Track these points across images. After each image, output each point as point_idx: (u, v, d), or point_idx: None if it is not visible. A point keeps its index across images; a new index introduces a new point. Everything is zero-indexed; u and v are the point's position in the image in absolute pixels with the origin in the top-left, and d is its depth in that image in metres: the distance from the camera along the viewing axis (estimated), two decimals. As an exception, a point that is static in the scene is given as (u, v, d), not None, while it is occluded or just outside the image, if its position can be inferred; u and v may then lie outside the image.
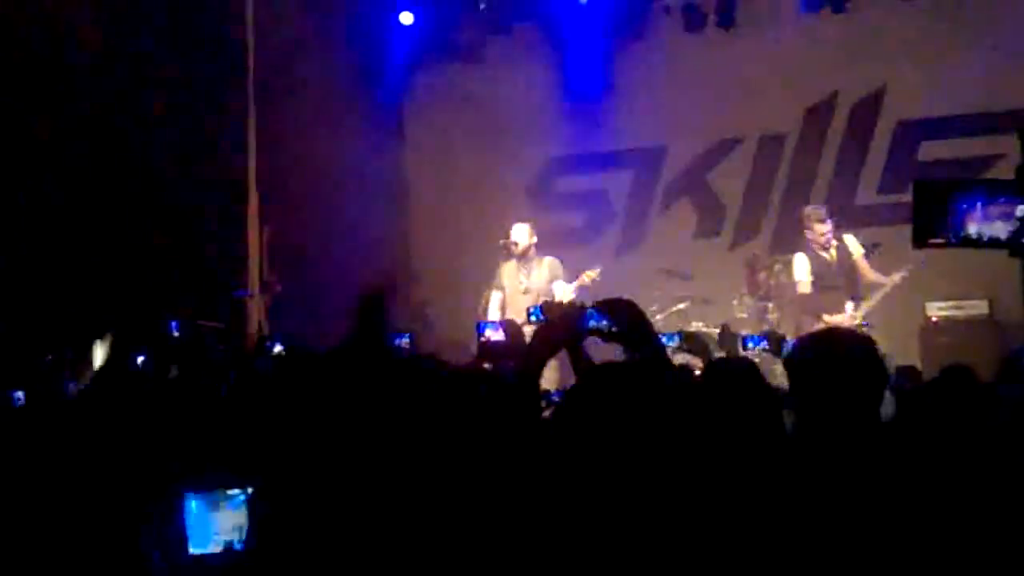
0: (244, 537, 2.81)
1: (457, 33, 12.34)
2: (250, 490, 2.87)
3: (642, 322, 3.15)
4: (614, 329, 3.13)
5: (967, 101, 10.45)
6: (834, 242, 9.43)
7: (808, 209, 9.73)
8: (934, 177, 9.48)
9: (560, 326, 3.31)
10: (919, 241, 2.40)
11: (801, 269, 9.50)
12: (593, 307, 3.25)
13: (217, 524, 3.50)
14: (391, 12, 12.36)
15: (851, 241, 9.55)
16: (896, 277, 9.15)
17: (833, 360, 2.96)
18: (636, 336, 3.13)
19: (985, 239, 2.31)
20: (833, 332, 3.20)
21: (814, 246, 9.43)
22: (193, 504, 3.47)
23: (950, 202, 2.33)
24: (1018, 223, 2.26)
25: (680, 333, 5.45)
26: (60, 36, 9.66)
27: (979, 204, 2.32)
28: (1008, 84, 10.04)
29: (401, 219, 12.78)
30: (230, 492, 3.47)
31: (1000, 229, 2.28)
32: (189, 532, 3.46)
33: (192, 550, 3.46)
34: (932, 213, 2.35)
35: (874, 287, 9.31)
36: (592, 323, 3.19)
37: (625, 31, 11.91)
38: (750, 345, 5.80)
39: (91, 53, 9.86)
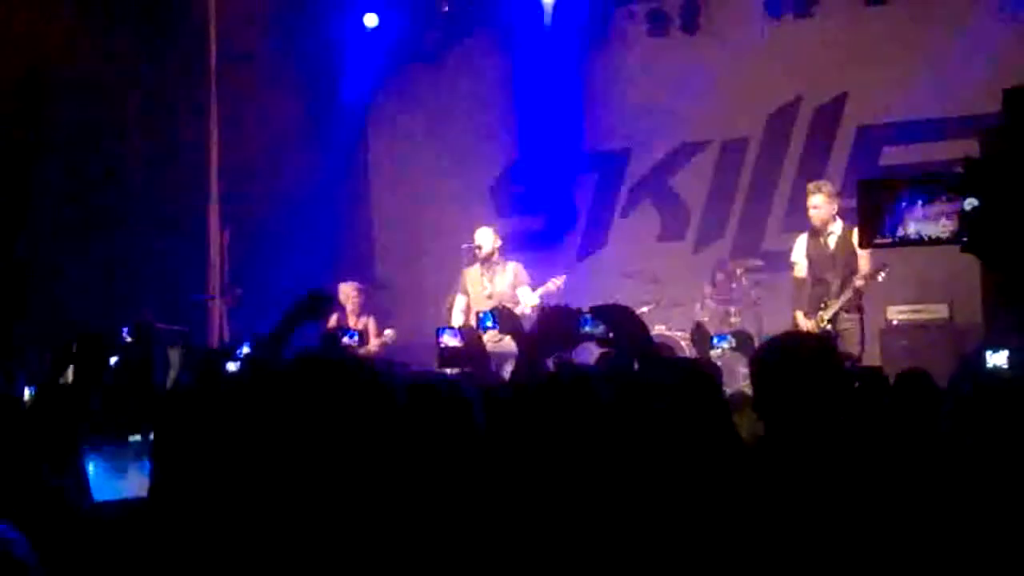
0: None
1: (420, 36, 12.31)
2: (150, 436, 2.85)
3: (638, 327, 3.14)
4: (609, 335, 3.13)
5: (928, 106, 10.51)
6: (837, 226, 8.74)
7: (808, 183, 9.15)
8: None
9: (556, 330, 3.30)
10: (865, 241, 2.40)
11: (799, 251, 9.08)
12: (588, 312, 3.24)
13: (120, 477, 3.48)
14: (355, 14, 12.30)
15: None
16: (879, 276, 8.60)
17: (795, 363, 2.96)
18: (632, 341, 3.12)
19: (926, 238, 2.31)
20: (797, 334, 3.21)
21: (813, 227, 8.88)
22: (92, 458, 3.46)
23: (893, 201, 2.33)
24: (963, 218, 2.26)
25: (731, 334, 5.37)
26: (26, 37, 9.59)
27: (920, 202, 2.32)
28: (969, 89, 10.09)
29: (363, 222, 12.73)
30: (131, 439, 3.46)
31: (942, 228, 2.28)
32: (91, 482, 3.44)
33: (95, 498, 3.44)
34: (876, 213, 2.35)
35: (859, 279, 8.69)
36: (587, 328, 3.19)
37: (589, 35, 11.92)
38: (715, 342, 5.79)
39: (57, 59, 9.80)
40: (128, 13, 10.48)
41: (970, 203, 2.20)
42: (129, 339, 7.02)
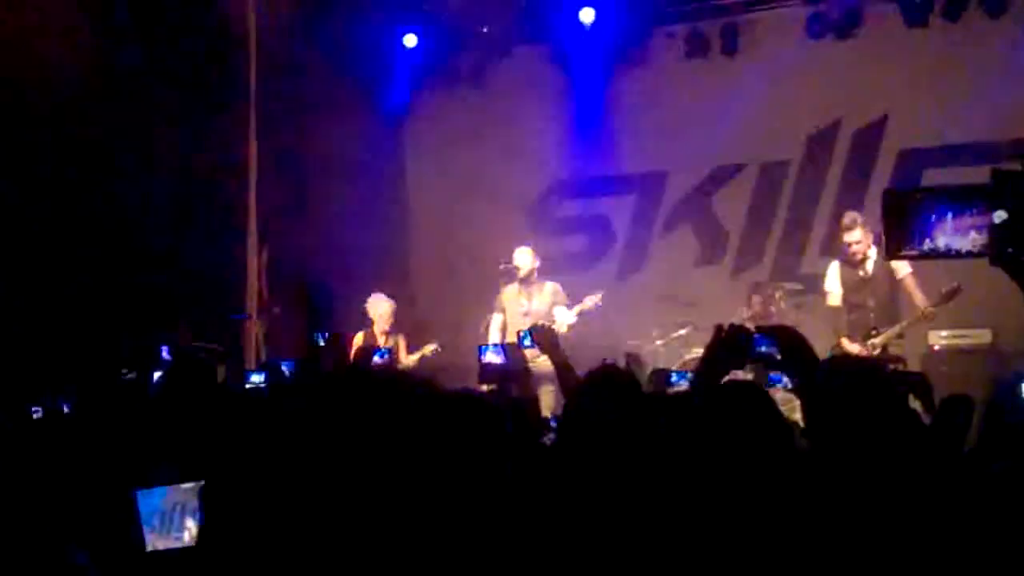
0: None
1: (459, 56, 12.34)
2: (203, 483, 2.83)
3: (808, 350, 3.14)
4: (778, 357, 3.14)
5: (970, 130, 10.40)
6: (872, 254, 8.68)
7: (845, 217, 8.96)
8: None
9: (731, 349, 3.31)
10: (890, 253, 2.35)
11: (832, 280, 8.98)
12: (759, 332, 3.25)
13: (176, 520, 3.46)
14: (395, 35, 12.36)
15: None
16: (928, 308, 8.47)
17: (851, 389, 2.93)
18: (802, 364, 3.12)
19: (955, 251, 2.25)
20: (850, 359, 3.19)
21: (847, 257, 8.83)
22: (145, 500, 3.43)
23: (920, 212, 2.27)
24: (992, 232, 2.20)
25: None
26: (55, 56, 9.65)
27: (950, 215, 2.26)
28: (1011, 113, 10.01)
29: (402, 243, 12.75)
30: (183, 486, 3.43)
31: (972, 240, 2.22)
32: (146, 528, 3.42)
33: (151, 546, 3.42)
34: (902, 224, 2.29)
35: (909, 311, 8.65)
36: (763, 348, 3.20)
37: (628, 56, 11.90)
38: (674, 379, 5.80)
39: (91, 77, 9.85)
40: (169, 24, 10.54)
41: (999, 216, 2.14)
42: (169, 358, 7.07)
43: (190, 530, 3.40)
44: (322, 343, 7.05)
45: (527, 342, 5.27)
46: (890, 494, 2.76)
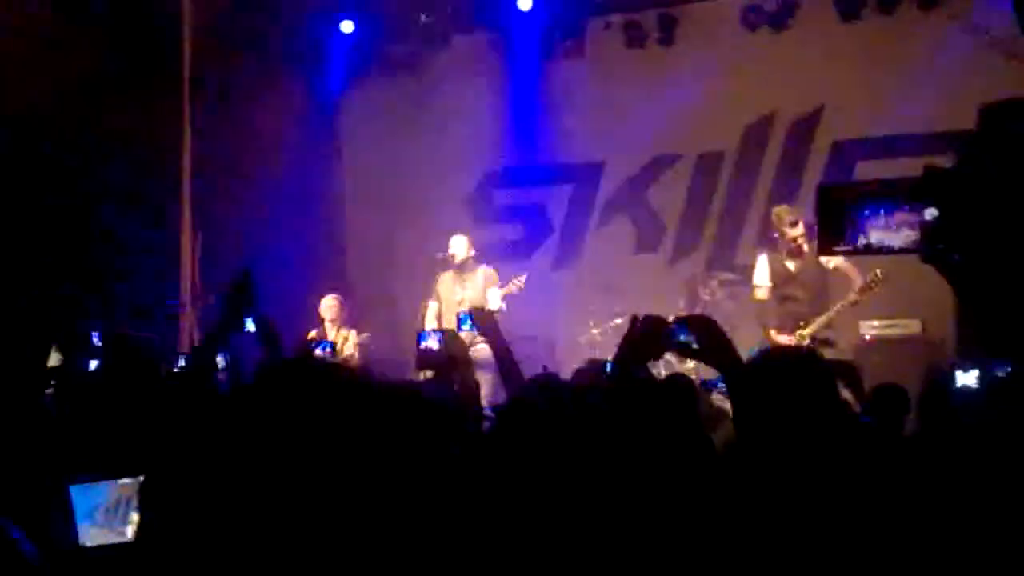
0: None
1: (397, 44, 12.27)
2: (141, 478, 2.79)
3: (724, 338, 3.15)
4: (695, 346, 3.15)
5: (904, 122, 10.52)
6: (807, 249, 8.73)
7: (778, 209, 9.04)
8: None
9: (647, 339, 3.31)
10: (823, 249, 2.37)
11: (761, 273, 9.00)
12: (676, 322, 3.26)
13: (119, 514, 3.41)
14: (331, 21, 12.27)
15: None
16: (851, 297, 8.58)
17: (782, 380, 2.95)
18: (718, 352, 3.12)
19: (887, 247, 2.29)
20: (784, 350, 3.22)
21: (783, 250, 8.85)
22: (77, 493, 3.37)
23: (855, 208, 2.31)
24: (924, 229, 2.24)
25: None
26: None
27: (883, 211, 2.29)
28: (945, 105, 10.13)
29: (337, 230, 12.68)
30: (125, 481, 3.38)
31: (903, 236, 2.26)
32: (87, 523, 3.37)
33: (82, 541, 3.37)
34: (836, 220, 2.32)
35: (832, 304, 8.68)
36: (681, 337, 3.20)
37: (566, 45, 11.92)
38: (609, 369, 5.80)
39: (27, 63, 9.71)
40: (100, 18, 10.39)
41: (930, 213, 2.18)
42: (99, 344, 6.95)
43: (133, 525, 3.35)
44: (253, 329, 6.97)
45: (466, 326, 5.27)
46: (825, 484, 2.78)
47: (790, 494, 2.74)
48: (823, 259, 8.67)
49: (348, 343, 10.15)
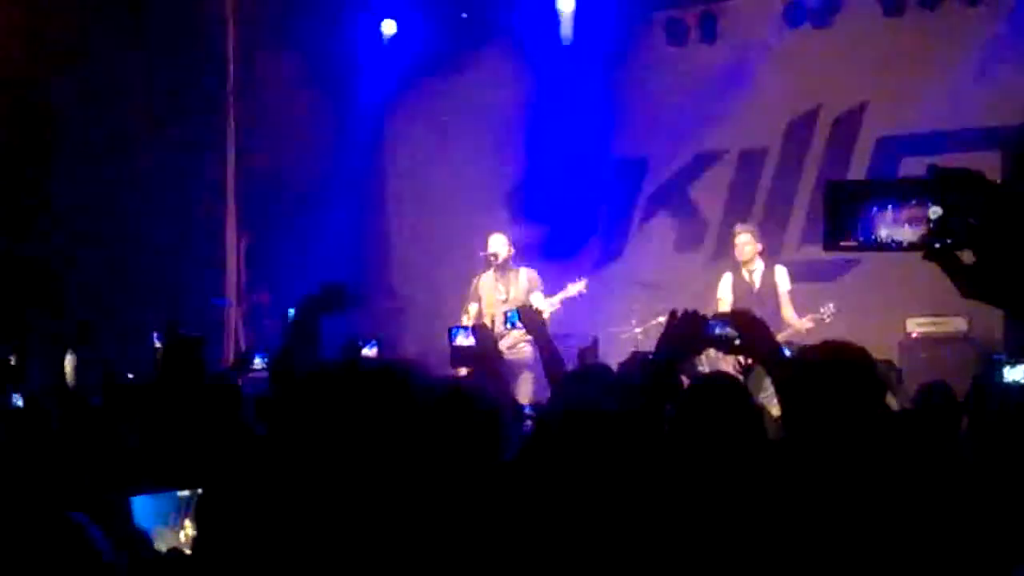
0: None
1: (438, 43, 12.29)
2: (199, 491, 2.82)
3: (766, 332, 3.14)
4: (737, 341, 3.14)
5: (948, 117, 10.44)
6: (759, 266, 9.59)
7: (735, 227, 9.94)
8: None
9: (686, 334, 3.30)
10: (829, 244, 2.39)
11: (723, 288, 9.70)
12: (715, 317, 3.26)
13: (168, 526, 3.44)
14: (373, 21, 12.32)
15: (780, 273, 9.65)
16: (807, 322, 9.23)
17: (829, 373, 2.94)
18: (760, 346, 3.12)
19: (894, 243, 2.31)
20: (833, 345, 3.18)
21: (738, 263, 9.65)
22: (140, 505, 3.41)
23: (862, 204, 2.33)
24: (929, 225, 2.26)
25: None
26: (38, 42, 9.63)
27: (890, 207, 2.31)
28: (989, 100, 10.05)
29: (380, 229, 12.73)
30: (180, 494, 3.41)
31: (910, 233, 2.28)
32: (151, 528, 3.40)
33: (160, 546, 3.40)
34: (844, 215, 2.35)
35: (786, 325, 9.27)
36: (717, 331, 3.20)
37: (607, 43, 11.87)
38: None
39: (76, 72, 9.85)
40: (146, 16, 10.50)
41: (935, 211, 2.20)
42: (159, 344, 7.00)
43: (188, 532, 3.39)
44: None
45: (516, 321, 5.27)
46: (876, 482, 2.77)
47: (842, 491, 2.73)
48: (777, 283, 9.48)
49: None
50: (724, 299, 9.62)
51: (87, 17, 10.03)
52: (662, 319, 10.67)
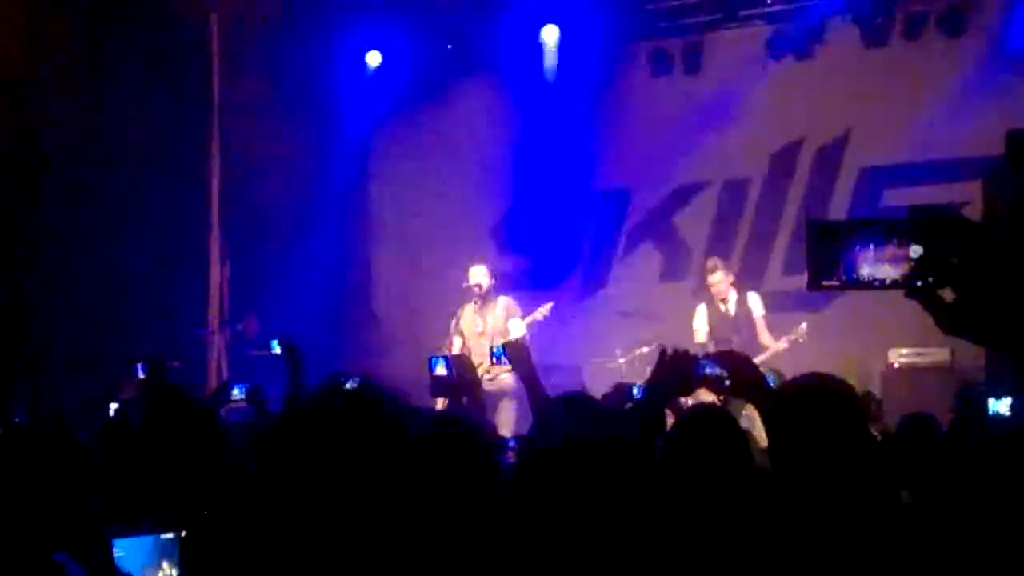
0: None
1: (422, 74, 12.32)
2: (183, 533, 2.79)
3: (755, 371, 3.15)
4: (727, 380, 3.14)
5: (930, 148, 10.51)
6: (733, 295, 9.74)
7: (707, 261, 10.10)
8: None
9: (675, 374, 3.30)
10: (813, 283, 2.42)
11: (699, 319, 9.84)
12: (706, 357, 3.26)
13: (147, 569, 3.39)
14: (358, 52, 12.34)
15: (753, 299, 9.79)
16: (783, 343, 9.41)
17: (814, 406, 2.95)
18: (753, 387, 3.12)
19: (876, 281, 2.34)
20: (816, 376, 3.19)
21: (715, 298, 9.77)
22: (120, 547, 3.36)
23: (844, 244, 2.35)
24: (910, 264, 2.29)
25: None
26: (24, 65, 9.63)
27: (872, 246, 2.34)
28: (970, 131, 10.11)
29: (363, 258, 12.73)
30: (163, 537, 3.37)
31: (891, 271, 2.31)
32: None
33: None
34: (826, 255, 2.37)
35: (763, 348, 9.41)
36: (707, 371, 3.20)
37: (591, 74, 11.92)
38: (635, 393, 5.83)
39: (63, 104, 9.86)
40: (132, 44, 10.51)
41: (916, 251, 2.23)
42: (143, 376, 6.96)
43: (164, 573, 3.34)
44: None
45: (502, 357, 5.25)
46: (861, 512, 2.77)
47: (828, 521, 2.73)
48: (751, 308, 9.66)
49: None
50: (700, 329, 9.77)
51: (74, 46, 10.03)
52: (646, 349, 10.79)
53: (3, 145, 9.78)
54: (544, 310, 9.64)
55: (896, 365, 9.90)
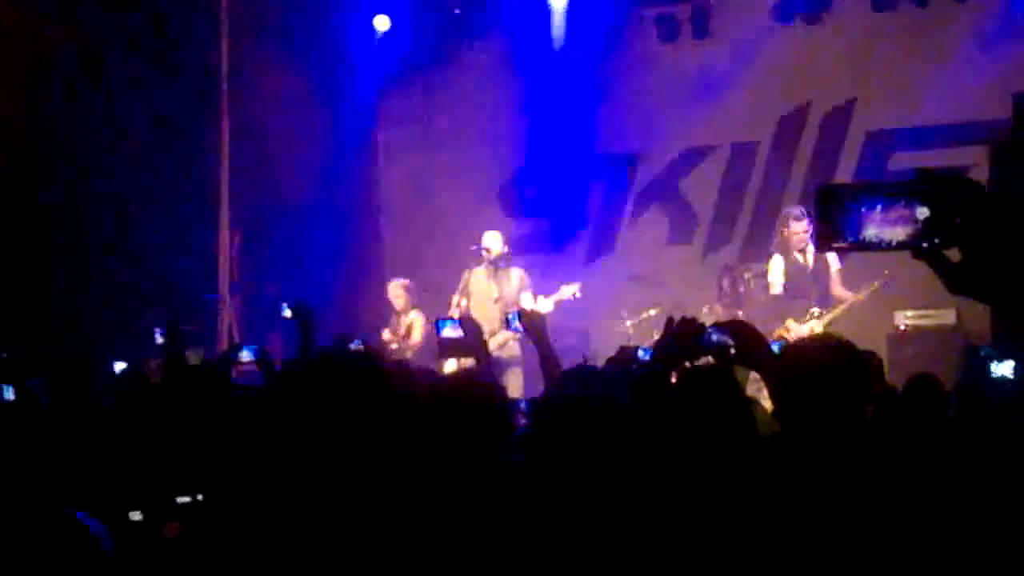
0: None
1: (430, 38, 12.31)
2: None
3: (762, 342, 3.20)
4: (732, 349, 3.19)
5: (938, 112, 10.50)
6: (810, 248, 9.33)
7: (785, 210, 9.76)
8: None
9: (683, 341, 3.35)
10: (822, 245, 2.49)
11: (775, 271, 9.51)
12: (714, 326, 3.31)
13: None
14: (365, 16, 12.33)
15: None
16: (862, 294, 9.25)
17: (819, 368, 2.99)
18: (758, 355, 3.17)
19: (883, 242, 2.40)
20: (818, 338, 3.26)
21: (790, 247, 9.41)
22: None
23: (851, 206, 2.41)
24: (917, 225, 2.35)
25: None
26: (37, 54, 9.67)
27: (879, 207, 2.40)
28: (977, 95, 10.12)
29: (372, 224, 12.75)
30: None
31: (898, 233, 2.37)
32: None
33: None
34: (834, 217, 2.44)
35: (838, 300, 9.35)
36: (714, 338, 3.25)
37: (599, 39, 11.91)
38: (641, 355, 5.82)
39: (69, 68, 9.87)
40: (137, 18, 10.51)
41: (922, 212, 2.29)
42: (162, 340, 7.02)
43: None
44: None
45: (516, 325, 5.27)
46: (867, 474, 2.81)
47: (836, 484, 2.77)
48: (829, 261, 9.32)
49: (416, 329, 10.20)
50: (776, 282, 9.48)
51: (82, 20, 10.03)
52: (653, 312, 10.80)
53: (10, 125, 9.80)
54: (574, 288, 9.58)
55: (902, 327, 9.95)
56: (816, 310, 9.27)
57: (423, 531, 2.44)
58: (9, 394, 6.04)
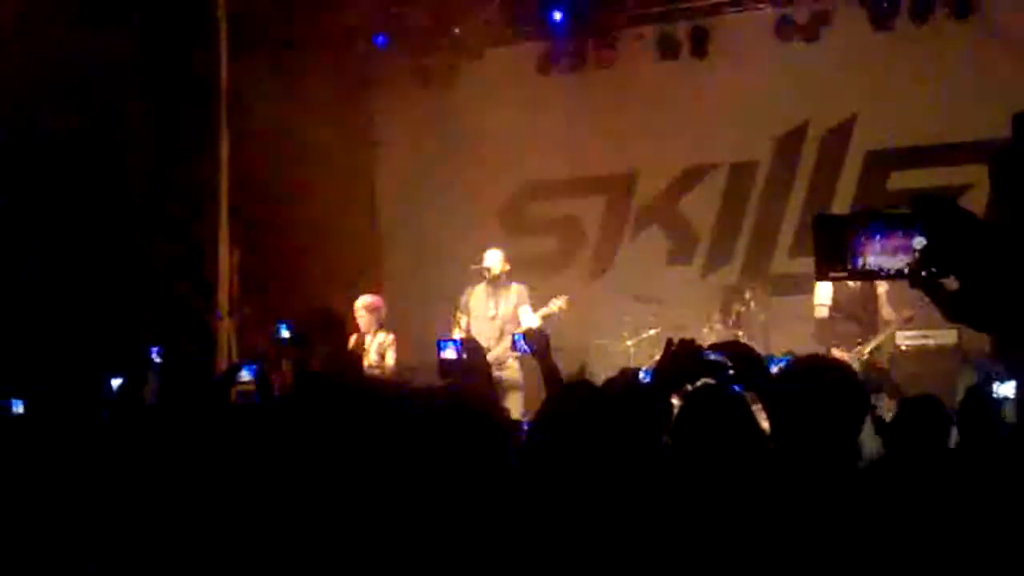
0: None
1: (430, 58, 12.32)
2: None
3: (761, 364, 3.19)
4: (731, 371, 3.19)
5: (937, 131, 10.52)
6: None
7: None
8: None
9: (682, 363, 3.35)
10: (820, 274, 2.48)
11: (822, 294, 9.29)
12: (711, 348, 3.31)
13: None
14: (367, 35, 12.33)
15: None
16: (905, 314, 9.09)
17: (814, 389, 2.97)
18: (755, 378, 3.16)
19: (882, 271, 2.40)
20: (815, 359, 3.23)
21: None
22: None
23: (850, 235, 2.41)
24: (914, 254, 2.35)
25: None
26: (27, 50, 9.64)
27: (877, 236, 2.39)
28: (977, 114, 10.11)
29: (373, 243, 12.74)
30: None
31: (896, 262, 2.37)
32: None
33: None
34: (833, 245, 2.43)
35: (886, 324, 9.26)
36: (712, 358, 3.25)
37: (599, 57, 11.94)
38: (642, 377, 5.78)
39: (60, 71, 9.85)
40: (135, 27, 10.50)
41: (919, 241, 2.30)
42: (159, 360, 6.96)
43: None
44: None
45: (522, 345, 5.25)
46: (865, 498, 2.80)
47: (832, 505, 2.76)
48: (876, 282, 8.90)
49: (387, 349, 9.91)
50: (821, 306, 9.31)
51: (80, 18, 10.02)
52: (653, 332, 10.77)
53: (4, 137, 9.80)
54: (560, 302, 9.48)
55: (904, 348, 9.92)
56: (860, 339, 9.17)
57: (423, 543, 2.42)
58: (19, 408, 6.03)
